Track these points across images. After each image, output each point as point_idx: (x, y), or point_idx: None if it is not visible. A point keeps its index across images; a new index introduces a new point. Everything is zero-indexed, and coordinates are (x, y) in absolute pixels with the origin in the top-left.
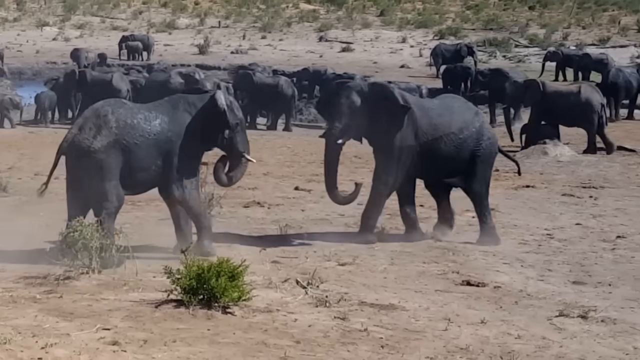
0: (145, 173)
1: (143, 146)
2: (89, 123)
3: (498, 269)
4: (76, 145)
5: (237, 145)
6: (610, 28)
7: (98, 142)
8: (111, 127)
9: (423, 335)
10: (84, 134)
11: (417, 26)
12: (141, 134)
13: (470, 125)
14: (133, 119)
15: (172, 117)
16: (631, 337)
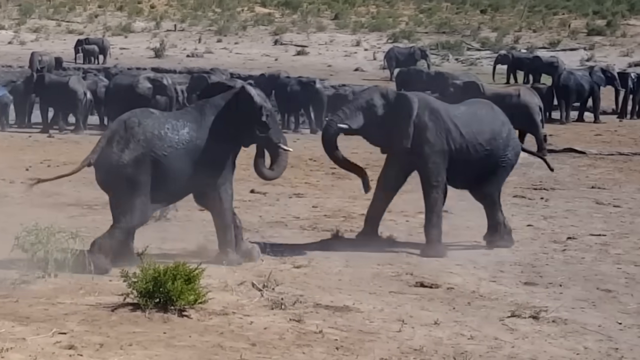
0: (177, 184)
1: (173, 157)
2: (117, 136)
3: (451, 271)
4: (105, 159)
5: (272, 137)
6: (561, 31)
7: (126, 155)
8: (139, 139)
9: (377, 337)
10: (113, 147)
11: (371, 29)
12: (170, 145)
13: (498, 137)
14: (160, 129)
15: (200, 124)
16: (582, 337)
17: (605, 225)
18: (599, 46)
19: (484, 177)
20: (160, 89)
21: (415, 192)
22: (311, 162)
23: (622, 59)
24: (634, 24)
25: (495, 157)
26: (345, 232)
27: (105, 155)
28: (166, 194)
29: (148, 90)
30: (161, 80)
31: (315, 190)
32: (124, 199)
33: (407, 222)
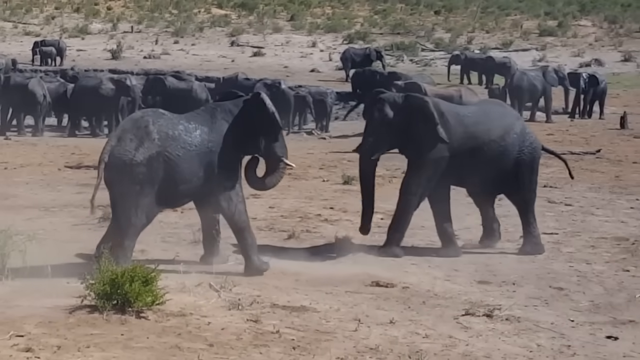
0: (186, 186)
1: (185, 158)
2: (129, 134)
3: (406, 270)
4: (116, 157)
5: (276, 150)
6: (513, 32)
7: (140, 154)
8: (153, 138)
9: (334, 336)
10: (124, 145)
11: (326, 31)
12: (182, 146)
13: (511, 132)
14: (174, 130)
15: (211, 127)
16: (534, 334)
17: (557, 223)
18: (550, 47)
19: (504, 178)
20: (124, 90)
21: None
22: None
23: (574, 59)
24: (585, 25)
25: (510, 154)
26: (302, 232)
27: (117, 154)
28: (174, 196)
29: (111, 92)
30: (124, 81)
31: (272, 191)
32: (133, 198)
33: None
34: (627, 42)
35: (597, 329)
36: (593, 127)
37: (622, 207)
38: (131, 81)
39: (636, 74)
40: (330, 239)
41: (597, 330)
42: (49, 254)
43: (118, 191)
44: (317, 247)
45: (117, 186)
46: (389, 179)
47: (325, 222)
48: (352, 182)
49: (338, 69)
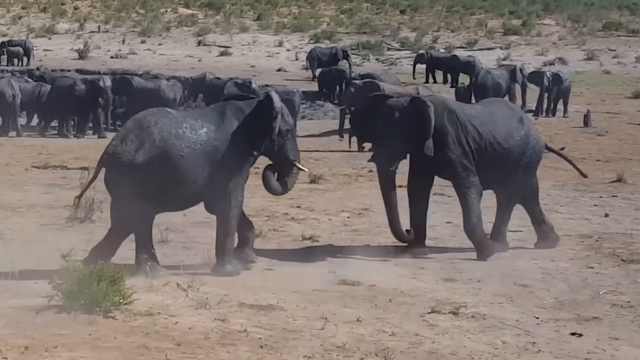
0: (191, 187)
1: (189, 158)
2: (131, 135)
3: (373, 268)
4: (116, 158)
5: (288, 153)
6: (478, 31)
7: (140, 155)
8: (154, 139)
9: (301, 335)
10: (125, 146)
11: (293, 30)
12: (187, 145)
13: (515, 134)
14: (178, 129)
15: (219, 126)
16: (500, 331)
17: (521, 221)
18: (514, 45)
19: (505, 179)
20: (98, 91)
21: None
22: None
23: (538, 58)
24: (549, 24)
25: (514, 155)
26: (269, 231)
27: (118, 155)
28: (179, 198)
29: (85, 93)
30: (98, 82)
31: None
32: (134, 201)
33: (329, 221)
34: (591, 41)
35: (561, 326)
36: (557, 125)
37: (585, 204)
38: (105, 82)
39: (599, 73)
40: (297, 237)
41: (561, 327)
42: (16, 255)
43: (118, 193)
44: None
45: (117, 188)
46: (355, 177)
47: (292, 220)
48: (319, 181)
49: (304, 68)
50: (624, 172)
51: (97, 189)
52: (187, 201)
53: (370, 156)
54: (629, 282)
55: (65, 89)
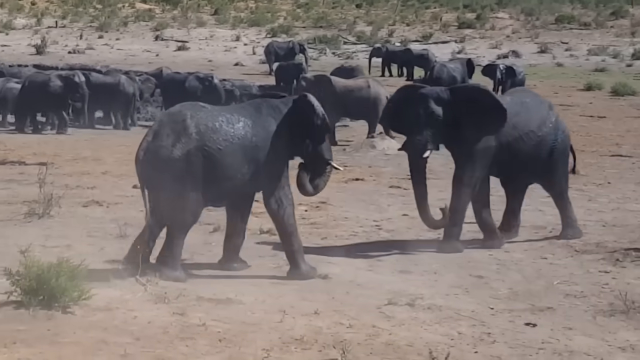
0: (229, 183)
1: (227, 152)
2: (166, 129)
3: (330, 261)
4: (153, 153)
5: (324, 153)
6: (433, 25)
7: (178, 150)
8: (191, 133)
9: (259, 328)
10: (161, 141)
11: (250, 24)
12: (224, 138)
13: (547, 121)
14: (214, 122)
15: (255, 121)
16: (456, 322)
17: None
18: (469, 39)
19: (540, 167)
20: (73, 87)
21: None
22: None
23: (492, 51)
24: (502, 17)
25: (547, 143)
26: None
27: (154, 150)
28: (218, 193)
29: (60, 89)
30: (73, 77)
31: None
32: (176, 197)
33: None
34: (543, 34)
35: (516, 316)
36: None
37: (539, 196)
38: (80, 78)
39: (552, 65)
40: (255, 231)
41: (516, 317)
42: None
43: (159, 189)
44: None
45: (157, 184)
46: None
47: (251, 214)
48: None
49: (262, 62)
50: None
51: (55, 185)
52: (227, 195)
53: (402, 145)
54: (582, 273)
55: (39, 84)
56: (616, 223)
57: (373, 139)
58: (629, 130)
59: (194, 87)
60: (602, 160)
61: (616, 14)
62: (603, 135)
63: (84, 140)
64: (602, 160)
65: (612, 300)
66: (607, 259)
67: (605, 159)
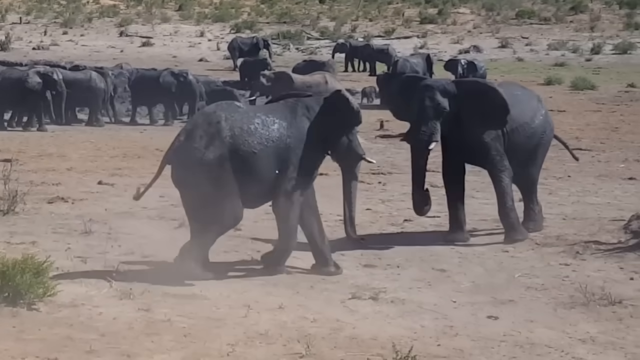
0: (263, 185)
1: (262, 155)
2: (199, 130)
3: (294, 255)
4: (185, 156)
5: (357, 148)
6: (395, 20)
7: (210, 153)
8: (225, 136)
9: (224, 323)
10: (194, 142)
11: (214, 20)
12: (259, 141)
13: (538, 114)
14: (250, 124)
15: (290, 122)
16: (418, 316)
17: (439, 207)
18: (431, 34)
19: (526, 158)
20: (50, 84)
21: None
22: (158, 152)
23: (453, 46)
24: (464, 12)
25: (537, 135)
26: None
27: (187, 152)
28: (251, 196)
29: (38, 85)
30: (51, 75)
31: (162, 179)
32: (211, 200)
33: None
34: (504, 29)
35: (478, 309)
36: None
37: None
38: (58, 75)
39: (513, 60)
40: None
41: (478, 310)
42: None
43: (194, 192)
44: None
45: (191, 187)
46: None
47: None
48: None
49: (226, 58)
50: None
51: (19, 182)
52: (261, 198)
53: (403, 136)
54: (543, 265)
55: (15, 81)
56: (576, 216)
57: None
58: (588, 124)
59: (168, 82)
60: (562, 154)
61: (575, 9)
62: (563, 129)
63: (49, 136)
64: (562, 154)
65: (572, 292)
66: (567, 251)
67: (565, 152)
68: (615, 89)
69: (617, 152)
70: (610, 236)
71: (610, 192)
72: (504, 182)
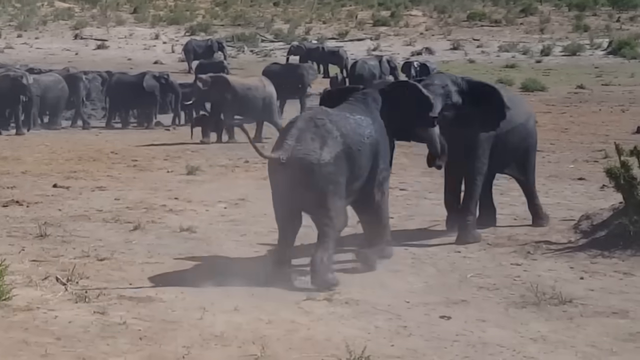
0: (359, 182)
1: (363, 152)
2: (309, 133)
3: (249, 257)
4: (300, 158)
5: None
6: (349, 22)
7: (326, 153)
8: (336, 136)
9: (179, 325)
10: (307, 145)
11: (169, 23)
12: (358, 140)
13: (531, 116)
14: (347, 125)
15: (372, 117)
16: (372, 316)
17: (392, 208)
18: (384, 36)
19: (520, 160)
20: (20, 88)
21: (213, 182)
22: (113, 155)
23: (406, 48)
24: (416, 15)
25: (531, 138)
26: (147, 223)
27: (302, 154)
28: (349, 193)
29: (7, 91)
30: (21, 78)
31: (117, 182)
32: (329, 200)
33: (207, 212)
34: (456, 31)
35: (431, 309)
36: None
37: None
38: (27, 79)
39: (464, 62)
40: (175, 229)
41: (431, 310)
42: None
43: (307, 193)
44: (161, 237)
45: (305, 188)
46: (232, 168)
47: (170, 212)
48: (196, 173)
49: (181, 60)
50: None
51: None
52: (353, 195)
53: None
54: (495, 265)
55: None
56: (527, 216)
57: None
58: (538, 125)
59: (151, 86)
60: None
61: (526, 11)
62: None
63: (4, 140)
64: None
65: (523, 292)
66: (518, 251)
67: None
68: (564, 90)
69: (566, 153)
70: (561, 236)
71: (560, 193)
72: (476, 185)
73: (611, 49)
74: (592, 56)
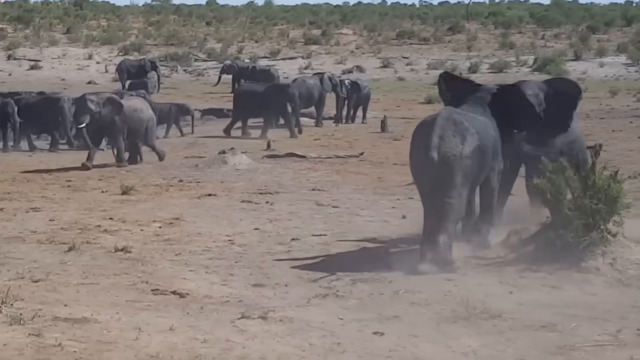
0: (485, 173)
1: (488, 149)
2: (449, 131)
3: (184, 277)
4: (446, 152)
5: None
6: (280, 41)
7: (467, 148)
8: (473, 132)
9: (115, 346)
10: (450, 141)
11: (102, 43)
12: (487, 137)
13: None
14: (477, 123)
15: (489, 117)
16: (307, 334)
17: (325, 225)
18: (315, 54)
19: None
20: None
21: (147, 202)
22: (47, 176)
23: (337, 67)
24: (346, 33)
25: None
26: (82, 244)
27: (447, 149)
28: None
29: None
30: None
31: (51, 203)
32: (459, 190)
33: (141, 232)
34: (385, 49)
35: (364, 326)
36: (356, 131)
37: (384, 207)
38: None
39: (394, 80)
40: (110, 249)
41: (364, 326)
42: None
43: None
44: (96, 258)
45: (448, 181)
46: (166, 187)
47: (105, 232)
48: (131, 192)
49: (114, 80)
50: None
51: None
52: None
53: None
54: (426, 281)
55: None
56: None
57: (225, 155)
58: None
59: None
60: None
61: (453, 29)
62: None
63: None
64: None
65: (454, 307)
66: None
67: None
68: None
69: None
70: (490, 251)
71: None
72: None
73: (536, 65)
74: (519, 73)
